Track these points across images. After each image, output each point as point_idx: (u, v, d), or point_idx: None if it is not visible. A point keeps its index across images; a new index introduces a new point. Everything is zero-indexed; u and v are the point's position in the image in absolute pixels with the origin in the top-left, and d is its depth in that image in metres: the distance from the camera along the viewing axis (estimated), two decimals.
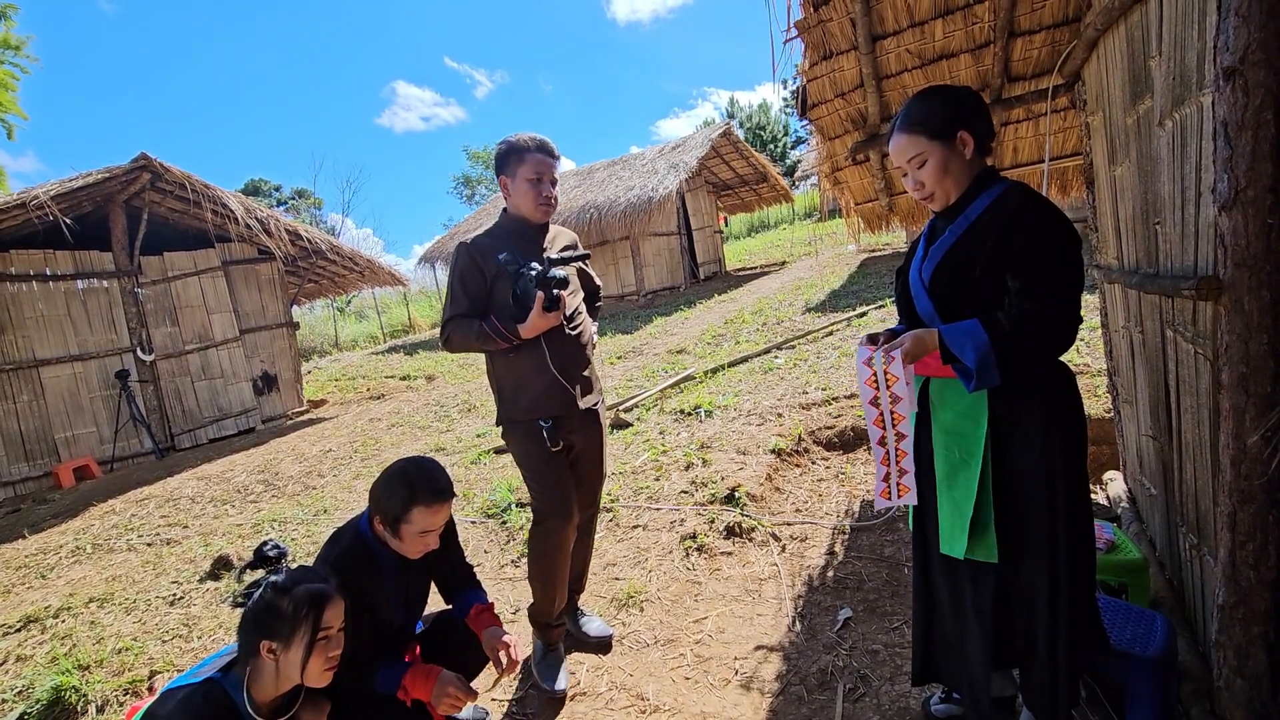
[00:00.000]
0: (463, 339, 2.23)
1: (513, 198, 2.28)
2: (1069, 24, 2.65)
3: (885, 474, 1.66)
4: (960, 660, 1.71)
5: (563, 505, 2.27)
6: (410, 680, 1.76)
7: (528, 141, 2.23)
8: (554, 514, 2.26)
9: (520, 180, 2.23)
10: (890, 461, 1.64)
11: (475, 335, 2.19)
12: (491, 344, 2.20)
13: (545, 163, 2.24)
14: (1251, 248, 1.23)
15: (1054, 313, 1.40)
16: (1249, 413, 1.30)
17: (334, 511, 4.51)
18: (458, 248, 2.27)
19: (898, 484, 1.65)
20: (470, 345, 2.24)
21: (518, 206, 2.28)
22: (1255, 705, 1.44)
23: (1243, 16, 1.17)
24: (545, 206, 2.27)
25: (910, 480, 1.63)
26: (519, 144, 2.23)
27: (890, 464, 1.64)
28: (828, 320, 7.69)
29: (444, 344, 2.29)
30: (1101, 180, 2.46)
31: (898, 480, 1.65)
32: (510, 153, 2.24)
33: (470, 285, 2.23)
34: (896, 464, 1.63)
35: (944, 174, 1.56)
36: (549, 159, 2.25)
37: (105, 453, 7.45)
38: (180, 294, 8.23)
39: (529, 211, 2.27)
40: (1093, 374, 4.17)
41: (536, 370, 2.24)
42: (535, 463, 2.28)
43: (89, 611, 3.42)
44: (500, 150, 2.27)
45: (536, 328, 2.16)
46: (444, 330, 2.27)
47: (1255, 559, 1.36)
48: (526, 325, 2.15)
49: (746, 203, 18.26)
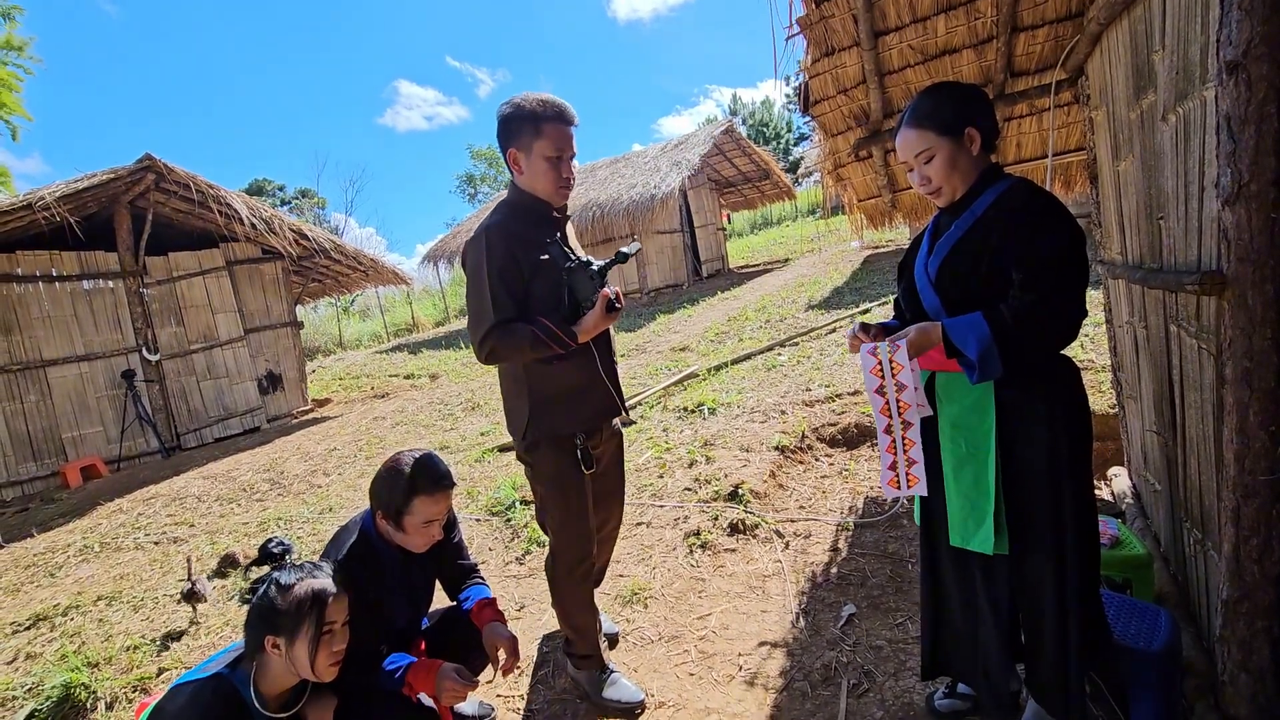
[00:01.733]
0: (511, 349, 1.85)
1: (526, 176, 1.91)
2: (1072, 18, 2.64)
3: (892, 462, 1.65)
4: (972, 653, 1.71)
5: (588, 541, 2.03)
6: (413, 675, 1.78)
7: (544, 107, 1.84)
8: (579, 549, 2.02)
9: (537, 158, 1.87)
10: (897, 451, 1.63)
11: (529, 343, 1.82)
12: (547, 351, 1.84)
13: (566, 135, 1.88)
14: (1255, 242, 1.23)
15: (1056, 306, 1.40)
16: (1252, 407, 1.30)
17: (339, 510, 4.53)
18: (484, 237, 1.87)
19: (907, 474, 1.63)
20: (517, 356, 1.87)
21: (533, 187, 1.93)
22: (1260, 700, 1.44)
23: (1245, 10, 1.16)
24: (566, 189, 1.94)
25: (920, 470, 1.61)
26: (534, 109, 1.84)
27: (897, 453, 1.63)
28: (831, 317, 7.68)
29: (485, 357, 1.88)
30: (1105, 175, 2.46)
31: (907, 470, 1.63)
32: (523, 120, 1.85)
33: (511, 283, 1.85)
34: (905, 454, 1.62)
35: (952, 169, 1.56)
36: (569, 129, 1.88)
37: (112, 452, 7.49)
38: (185, 294, 8.27)
39: (548, 194, 1.93)
40: (1097, 369, 4.16)
41: (588, 378, 1.96)
42: (568, 487, 1.99)
43: (97, 609, 3.44)
44: (507, 114, 1.87)
45: (596, 330, 1.88)
46: (484, 341, 1.85)
47: (1259, 554, 1.36)
48: (586, 326, 1.85)
49: (749, 200, 18.24)
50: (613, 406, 2.07)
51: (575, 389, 1.98)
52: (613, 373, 2.07)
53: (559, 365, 1.93)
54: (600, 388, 2.00)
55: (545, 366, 1.93)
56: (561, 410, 1.98)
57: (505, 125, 1.89)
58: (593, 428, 2.03)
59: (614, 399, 2.06)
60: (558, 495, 2.02)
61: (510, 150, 1.91)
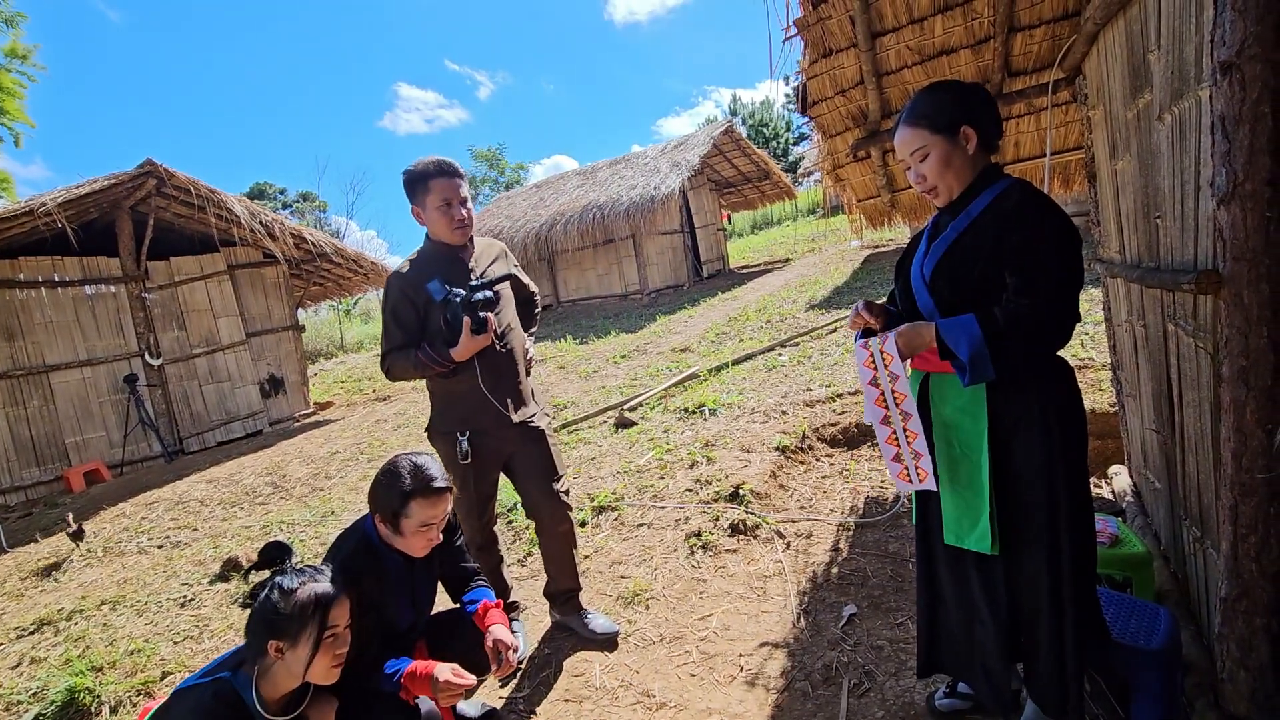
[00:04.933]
0: (402, 369, 2.33)
1: (429, 225, 2.33)
2: (1069, 18, 2.64)
3: (896, 454, 1.63)
4: (968, 653, 1.72)
5: (474, 516, 2.48)
6: (409, 678, 1.78)
7: (429, 166, 2.25)
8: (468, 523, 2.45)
9: (431, 209, 2.27)
10: (900, 442, 1.62)
11: (414, 365, 2.28)
12: (430, 370, 2.29)
13: (450, 186, 2.26)
14: (1250, 241, 1.23)
15: (1048, 311, 1.40)
16: (1249, 406, 1.30)
17: (341, 513, 4.54)
18: (387, 282, 2.36)
19: (916, 467, 1.61)
20: (410, 374, 2.33)
21: (435, 234, 2.34)
22: (1259, 697, 1.44)
23: (1239, 11, 1.17)
24: (461, 229, 2.31)
25: (928, 464, 1.59)
26: (420, 171, 2.26)
27: (900, 444, 1.62)
28: (831, 317, 7.68)
29: (386, 374, 2.38)
30: (1103, 174, 2.46)
31: (915, 464, 1.61)
32: (414, 182, 2.27)
33: (403, 318, 2.32)
34: (909, 445, 1.61)
35: (945, 168, 1.56)
36: (453, 180, 2.27)
37: (115, 456, 7.51)
38: (187, 298, 8.29)
39: (446, 237, 2.32)
40: (1097, 368, 4.16)
41: (468, 388, 2.33)
42: (454, 471, 2.37)
43: (101, 614, 3.46)
44: (405, 180, 2.29)
45: (468, 350, 2.24)
46: (384, 363, 2.36)
47: (1257, 551, 1.36)
48: (458, 349, 2.23)
49: (749, 200, 18.22)
50: (494, 411, 2.37)
51: (457, 396, 2.37)
52: (503, 382, 2.39)
53: (450, 378, 2.33)
54: (478, 396, 2.33)
55: (442, 379, 2.35)
56: (448, 412, 2.41)
57: (406, 188, 2.30)
58: (475, 428, 2.37)
59: (495, 405, 2.36)
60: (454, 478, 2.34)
61: (413, 208, 2.32)
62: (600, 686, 2.33)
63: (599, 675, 2.39)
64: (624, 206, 13.25)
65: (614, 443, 4.86)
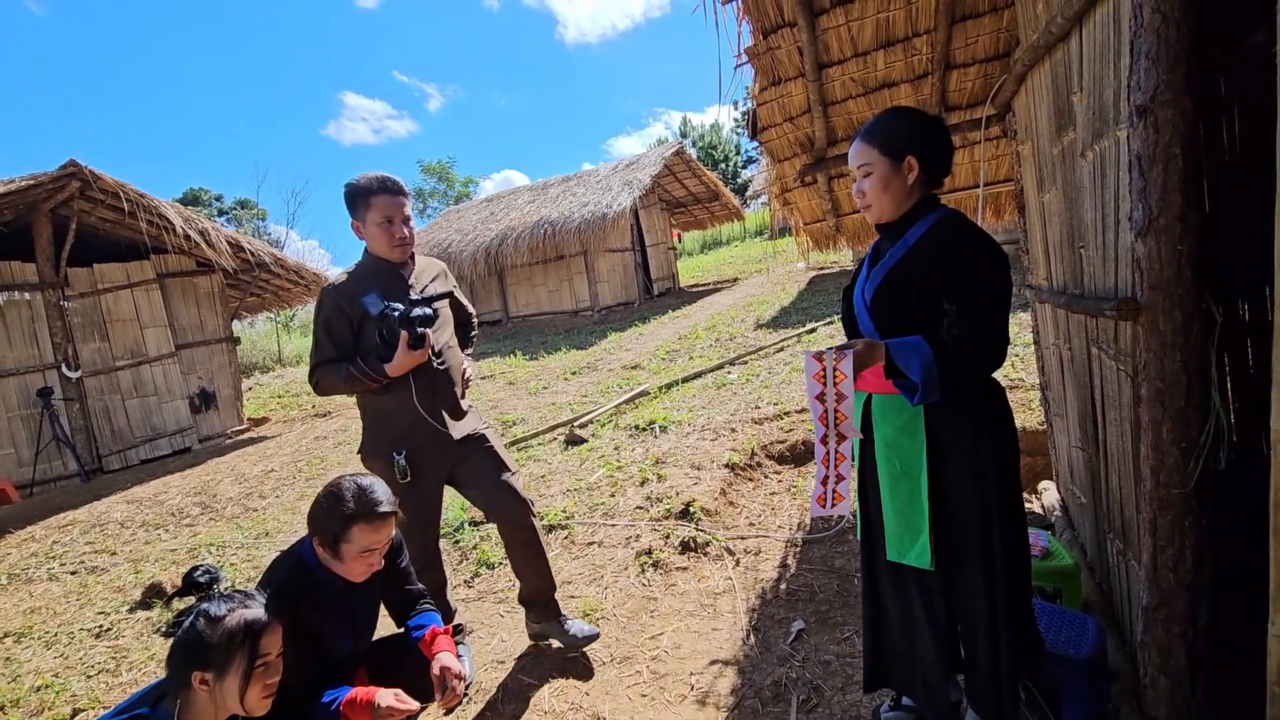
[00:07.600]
0: (331, 383, 2.24)
1: (368, 240, 2.28)
2: (1000, 58, 2.81)
3: (824, 476, 1.64)
4: (911, 665, 1.76)
5: (417, 534, 2.36)
6: (348, 705, 1.71)
7: (372, 182, 2.20)
8: (412, 544, 2.31)
9: (372, 225, 2.22)
10: (830, 464, 1.62)
11: (344, 379, 2.21)
12: (361, 386, 2.22)
13: (393, 203, 2.22)
14: (1164, 272, 1.33)
15: (988, 335, 1.48)
16: (1165, 425, 1.39)
17: (276, 535, 4.34)
18: (321, 294, 2.29)
19: (834, 491, 1.64)
20: (339, 389, 2.25)
21: (375, 249, 2.29)
22: (1177, 702, 1.53)
23: (1152, 60, 1.26)
24: (401, 247, 2.27)
25: (845, 489, 1.63)
26: (362, 187, 2.21)
27: (830, 466, 1.62)
28: (779, 336, 7.84)
29: (314, 388, 2.29)
30: (1032, 205, 2.61)
31: (834, 487, 1.63)
32: (356, 196, 2.22)
33: (336, 331, 2.25)
34: (835, 469, 1.62)
35: (883, 190, 1.63)
36: (396, 198, 2.23)
37: (24, 476, 6.98)
38: (111, 307, 7.83)
39: (386, 254, 2.28)
40: (1027, 388, 4.37)
41: (402, 406, 2.27)
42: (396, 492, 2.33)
43: (3, 647, 3.19)
44: (346, 194, 2.25)
45: (404, 366, 2.19)
46: (312, 376, 2.28)
47: (1174, 563, 1.45)
48: (393, 364, 2.17)
49: (699, 220, 18.51)
50: (431, 429, 2.30)
51: (389, 414, 2.30)
52: (440, 399, 2.33)
53: (383, 395, 2.27)
54: (412, 413, 2.26)
55: (373, 395, 2.29)
56: (382, 431, 2.33)
57: (347, 201, 2.25)
58: (411, 447, 2.29)
59: (431, 423, 2.30)
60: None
61: (353, 222, 2.27)
62: (550, 710, 2.28)
63: (548, 699, 2.34)
64: (576, 223, 13.26)
65: (564, 460, 4.81)
